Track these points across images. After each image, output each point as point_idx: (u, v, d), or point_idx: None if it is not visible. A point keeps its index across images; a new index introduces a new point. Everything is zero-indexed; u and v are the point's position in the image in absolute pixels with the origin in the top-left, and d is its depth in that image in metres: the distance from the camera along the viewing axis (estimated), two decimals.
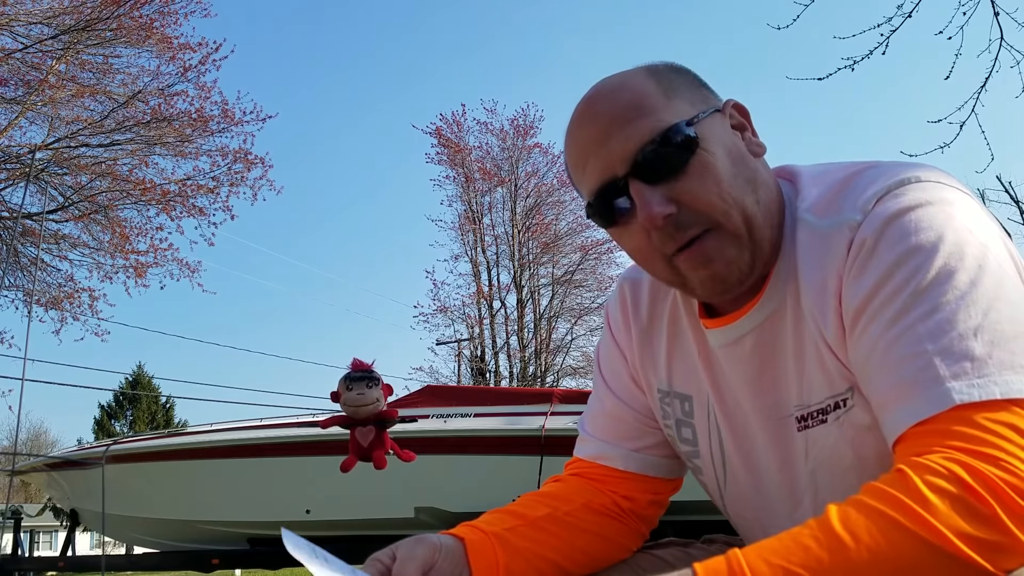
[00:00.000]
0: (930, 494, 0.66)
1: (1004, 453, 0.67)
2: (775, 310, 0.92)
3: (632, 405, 1.09)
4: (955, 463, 0.67)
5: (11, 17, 10.84)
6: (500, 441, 5.39)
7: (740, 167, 0.88)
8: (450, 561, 0.92)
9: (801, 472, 0.93)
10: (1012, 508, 0.65)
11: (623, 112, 0.87)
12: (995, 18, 4.91)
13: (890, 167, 0.86)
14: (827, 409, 0.89)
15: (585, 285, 20.61)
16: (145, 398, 29.62)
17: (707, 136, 0.87)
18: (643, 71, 0.91)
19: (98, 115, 11.77)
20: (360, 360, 2.17)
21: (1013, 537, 0.64)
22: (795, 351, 0.90)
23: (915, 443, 0.73)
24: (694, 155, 0.85)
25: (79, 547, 7.81)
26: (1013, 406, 0.70)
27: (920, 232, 0.78)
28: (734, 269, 0.88)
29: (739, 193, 0.86)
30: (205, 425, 6.60)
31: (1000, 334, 0.73)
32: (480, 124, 21.08)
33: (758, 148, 0.92)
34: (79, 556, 6.94)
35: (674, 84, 0.90)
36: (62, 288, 12.28)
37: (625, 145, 0.86)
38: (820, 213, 0.87)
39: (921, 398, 0.73)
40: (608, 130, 0.87)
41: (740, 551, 0.69)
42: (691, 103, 0.89)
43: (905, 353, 0.76)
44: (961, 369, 0.72)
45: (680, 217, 0.86)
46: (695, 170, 0.85)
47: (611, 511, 1.07)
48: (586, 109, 0.91)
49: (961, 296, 0.75)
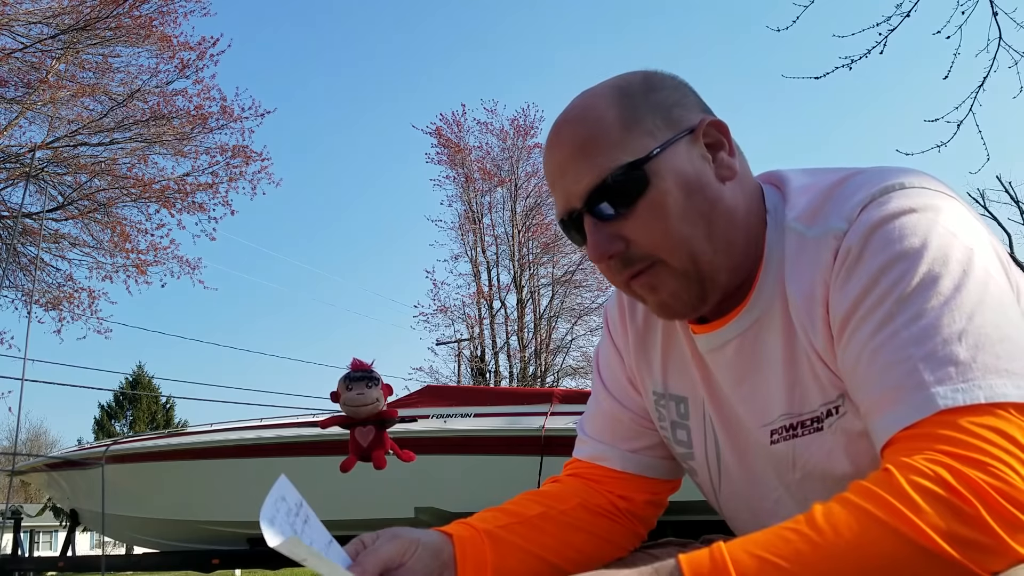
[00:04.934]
0: (914, 494, 0.66)
1: (988, 457, 0.68)
2: (759, 318, 0.92)
3: (629, 406, 1.10)
4: (940, 466, 0.68)
5: (11, 17, 10.83)
6: (500, 441, 5.38)
7: (695, 199, 0.88)
8: (432, 558, 0.91)
9: (790, 479, 0.94)
10: (997, 511, 0.65)
11: (580, 146, 0.89)
12: (993, 18, 4.92)
13: (876, 174, 0.86)
14: (821, 416, 0.89)
15: (585, 285, 20.62)
16: (145, 398, 29.62)
17: (661, 172, 0.87)
18: (612, 93, 0.91)
19: (97, 114, 11.77)
20: (360, 360, 2.17)
21: (998, 539, 0.65)
22: (785, 360, 0.90)
23: (900, 448, 0.73)
24: (643, 196, 0.87)
25: (79, 547, 7.81)
26: (997, 410, 0.71)
27: (905, 239, 0.79)
28: (679, 300, 0.91)
29: (688, 230, 0.88)
30: (205, 425, 6.59)
31: (985, 338, 0.73)
32: (480, 124, 21.13)
33: (728, 171, 0.91)
34: (79, 556, 6.92)
35: (639, 111, 0.89)
36: (62, 288, 12.28)
37: (578, 183, 0.89)
38: (807, 222, 0.88)
39: (906, 404, 0.74)
40: (566, 163, 0.90)
41: (724, 543, 0.70)
42: (653, 133, 0.88)
43: (890, 359, 0.76)
44: (946, 374, 0.73)
45: (628, 253, 0.89)
46: (643, 210, 0.87)
47: (607, 511, 1.07)
48: (553, 134, 0.93)
49: (946, 301, 0.75)
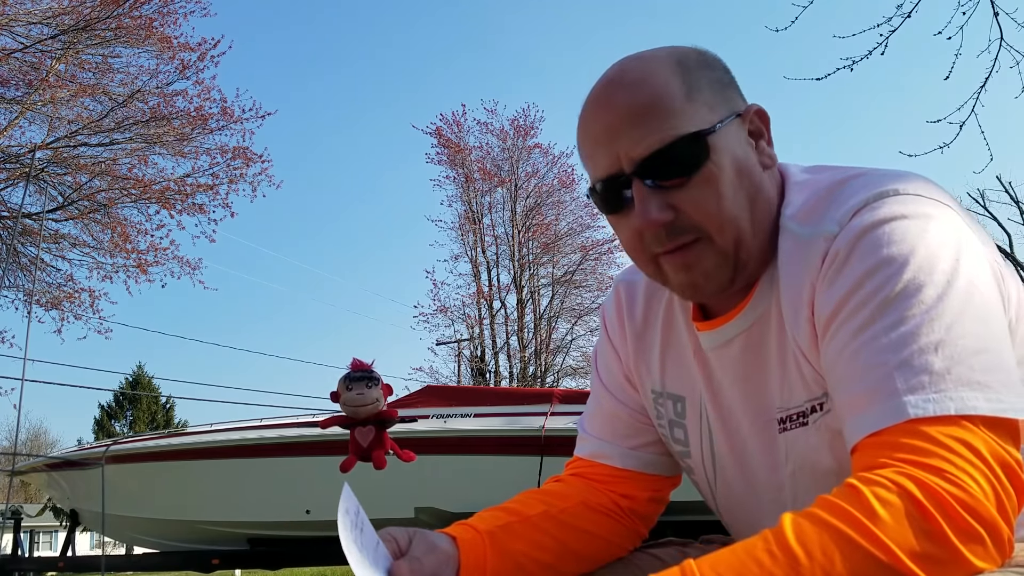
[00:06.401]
0: (880, 508, 0.67)
1: (953, 467, 0.69)
2: (762, 314, 0.93)
3: (628, 404, 1.10)
4: (905, 476, 0.69)
5: (11, 17, 10.83)
6: (500, 441, 5.38)
7: (744, 182, 0.88)
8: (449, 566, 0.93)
9: (783, 475, 0.95)
10: (958, 523, 0.66)
11: (640, 110, 0.86)
12: (995, 18, 4.92)
13: (874, 177, 0.86)
14: (806, 412, 0.90)
15: (585, 285, 20.63)
16: (145, 398, 29.61)
17: (718, 147, 0.86)
18: (671, 61, 0.89)
19: (97, 115, 11.77)
20: (360, 360, 2.17)
21: (956, 552, 0.66)
22: (778, 355, 0.91)
23: (868, 454, 0.74)
24: (701, 167, 0.86)
25: (79, 547, 7.80)
26: (965, 422, 0.71)
27: (892, 245, 0.79)
28: (712, 281, 0.90)
29: (737, 211, 0.87)
30: (205, 425, 6.59)
31: (961, 350, 0.74)
32: (480, 124, 21.09)
33: (768, 160, 0.92)
34: (79, 556, 6.93)
35: (699, 84, 0.88)
36: (62, 288, 12.28)
37: (636, 146, 0.86)
38: (802, 221, 0.88)
39: (878, 409, 0.74)
40: (621, 126, 0.87)
41: (695, 561, 0.71)
42: (711, 107, 0.88)
43: (867, 363, 0.77)
44: (919, 383, 0.73)
45: (675, 224, 0.87)
46: (699, 182, 0.86)
47: (609, 510, 1.07)
48: (604, 95, 0.89)
49: (927, 310, 0.75)
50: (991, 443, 0.71)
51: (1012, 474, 0.71)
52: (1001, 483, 0.69)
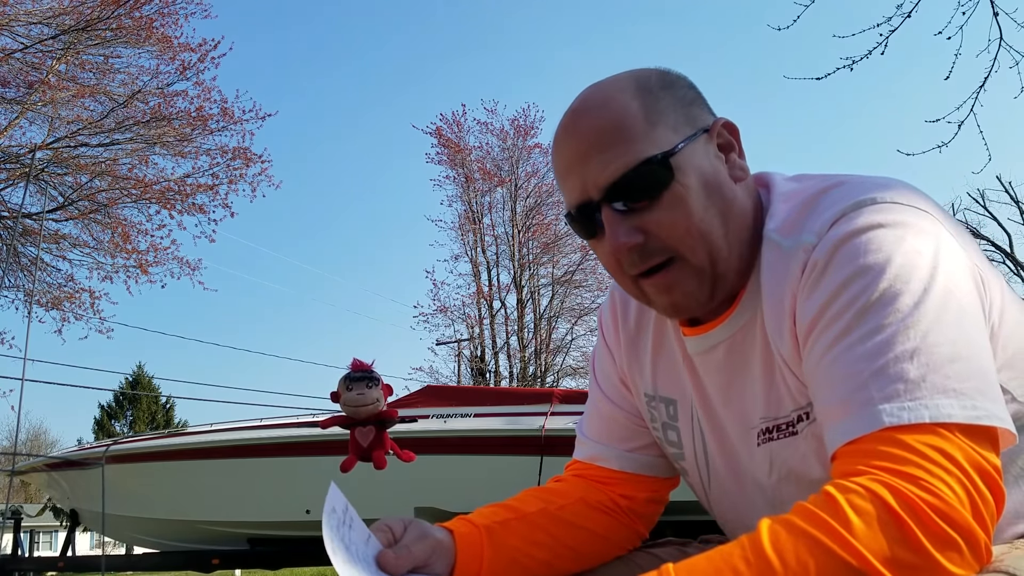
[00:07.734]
0: (854, 516, 0.68)
1: (928, 474, 0.69)
2: (746, 323, 0.93)
3: (624, 407, 1.11)
4: (880, 484, 0.69)
5: (11, 17, 10.84)
6: (500, 441, 5.38)
7: (715, 198, 0.89)
8: (445, 557, 0.95)
9: (765, 484, 0.95)
10: (932, 529, 0.67)
11: (603, 136, 0.88)
12: (994, 18, 4.92)
13: (854, 186, 0.86)
14: (793, 421, 0.90)
15: (585, 285, 20.63)
16: (145, 398, 29.62)
17: (684, 167, 0.87)
18: (631, 86, 0.91)
19: (98, 115, 11.78)
20: (360, 360, 2.17)
21: (930, 559, 0.66)
22: (763, 365, 0.92)
23: (845, 462, 0.75)
24: (667, 188, 0.87)
25: (79, 547, 7.81)
26: (941, 429, 0.72)
27: (869, 254, 0.79)
28: (692, 300, 0.91)
29: (708, 227, 0.88)
30: (205, 425, 6.59)
31: (937, 357, 0.74)
32: (480, 124, 21.11)
33: (740, 172, 0.92)
34: (79, 556, 6.93)
35: (659, 105, 0.89)
36: (62, 288, 12.29)
37: (601, 172, 0.88)
38: (784, 233, 0.89)
39: (854, 418, 0.75)
40: (587, 152, 0.88)
41: (673, 567, 0.71)
42: (674, 128, 0.89)
43: (843, 372, 0.77)
44: (894, 391, 0.73)
45: (646, 246, 0.88)
46: (666, 203, 0.87)
47: (608, 508, 1.08)
48: (570, 123, 0.92)
49: (903, 318, 0.76)
50: (967, 450, 0.71)
51: (989, 480, 0.71)
52: (978, 489, 0.70)
